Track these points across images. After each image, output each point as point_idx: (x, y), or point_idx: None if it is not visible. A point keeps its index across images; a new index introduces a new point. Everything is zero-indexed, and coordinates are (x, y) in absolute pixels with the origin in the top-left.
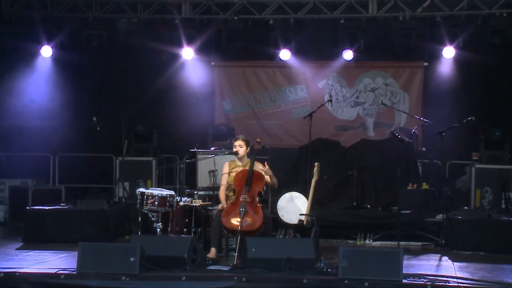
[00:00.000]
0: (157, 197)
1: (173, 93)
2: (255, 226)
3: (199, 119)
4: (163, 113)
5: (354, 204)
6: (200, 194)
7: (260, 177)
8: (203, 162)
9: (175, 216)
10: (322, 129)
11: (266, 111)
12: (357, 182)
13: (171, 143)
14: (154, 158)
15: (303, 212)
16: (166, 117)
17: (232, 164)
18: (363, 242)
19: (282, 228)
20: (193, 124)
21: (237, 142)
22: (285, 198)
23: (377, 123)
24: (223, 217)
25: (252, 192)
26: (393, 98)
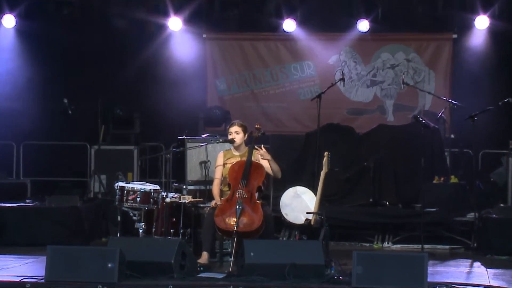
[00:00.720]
0: (139, 193)
1: (158, 71)
2: (254, 227)
3: (189, 101)
4: (146, 94)
5: (370, 200)
6: (189, 189)
7: (260, 169)
8: (193, 151)
9: (161, 214)
10: (332, 113)
11: (267, 91)
12: (374, 175)
13: (156, 129)
14: (135, 147)
15: (311, 210)
16: (149, 99)
17: (227, 154)
18: (380, 245)
19: (286, 229)
20: (181, 107)
21: (233, 128)
22: (290, 193)
23: (398, 106)
24: (216, 216)
25: (251, 186)
26: (416, 76)
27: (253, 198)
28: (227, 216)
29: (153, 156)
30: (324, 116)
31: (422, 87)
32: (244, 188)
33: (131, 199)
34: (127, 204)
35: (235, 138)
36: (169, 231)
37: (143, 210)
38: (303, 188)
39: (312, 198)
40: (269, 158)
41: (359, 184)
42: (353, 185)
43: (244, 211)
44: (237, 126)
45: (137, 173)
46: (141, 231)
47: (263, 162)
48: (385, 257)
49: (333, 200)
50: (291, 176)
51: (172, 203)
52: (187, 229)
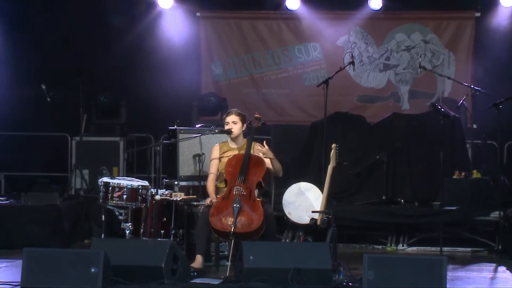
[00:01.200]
0: (126, 189)
1: (146, 54)
2: (253, 227)
3: (181, 88)
4: (134, 79)
5: (383, 198)
6: (182, 185)
7: (260, 163)
8: (186, 143)
9: (150, 213)
10: (341, 101)
11: (268, 76)
12: (387, 170)
13: (144, 118)
14: (121, 138)
15: (316, 209)
16: (137, 85)
17: (223, 147)
18: (394, 247)
19: (289, 230)
20: (172, 94)
21: (230, 117)
22: (293, 190)
23: (414, 93)
24: (212, 215)
25: (250, 182)
26: (434, 59)
27: (252, 195)
28: (224, 216)
29: (141, 149)
30: (332, 104)
31: (441, 72)
32: (242, 184)
33: (116, 196)
34: (112, 202)
35: (233, 128)
36: (159, 232)
37: (130, 208)
38: (308, 184)
39: (318, 196)
40: (271, 156)
41: (370, 180)
42: (364, 181)
43: (242, 210)
44: (235, 115)
45: (123, 167)
46: (128, 232)
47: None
48: (400, 260)
49: (342, 198)
50: (295, 171)
51: (163, 201)
52: (179, 230)
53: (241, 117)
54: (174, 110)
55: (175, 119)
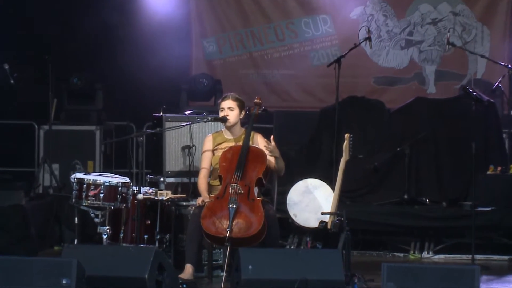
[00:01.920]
0: (103, 187)
1: (127, 28)
2: (253, 231)
3: (167, 68)
4: (112, 58)
5: (405, 197)
6: (169, 182)
7: (260, 156)
8: (174, 133)
9: (131, 215)
10: (356, 83)
11: (270, 55)
12: (410, 164)
13: (125, 104)
14: (98, 127)
15: (327, 210)
16: (116, 65)
17: (217, 137)
18: (418, 255)
19: (295, 234)
20: (157, 75)
21: (226, 102)
22: (299, 188)
23: (441, 73)
24: (204, 217)
25: (248, 179)
26: (465, 34)
27: (251, 194)
28: (218, 218)
29: (121, 139)
30: (345, 87)
31: (473, 49)
32: (240, 181)
33: (92, 195)
34: (87, 201)
35: (228, 116)
36: (142, 237)
37: (108, 209)
38: (317, 181)
39: (329, 194)
40: (277, 155)
41: (390, 176)
42: (383, 177)
43: (239, 211)
44: (231, 100)
45: (99, 161)
46: (105, 237)
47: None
48: (424, 271)
49: (356, 197)
50: (302, 165)
51: (146, 200)
52: (165, 235)
53: (239, 103)
54: (159, 94)
55: (160, 105)
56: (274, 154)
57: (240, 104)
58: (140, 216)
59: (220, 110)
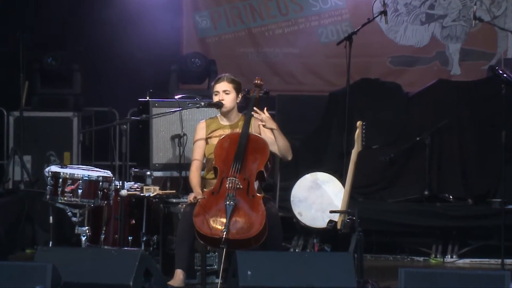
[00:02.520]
0: (82, 182)
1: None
2: (253, 232)
3: (155, 46)
4: (92, 35)
5: (425, 193)
6: (156, 176)
7: (262, 145)
8: (162, 120)
9: (113, 214)
10: (369, 63)
11: (272, 31)
12: (431, 155)
13: (106, 87)
14: (75, 114)
15: (336, 207)
16: (96, 43)
17: (212, 124)
18: (440, 259)
19: (300, 236)
20: (143, 55)
21: (221, 85)
22: (305, 183)
23: (467, 52)
24: (197, 216)
25: (248, 172)
26: (494, 8)
27: (251, 189)
28: (213, 217)
29: (102, 128)
30: (357, 67)
31: (503, 24)
32: (238, 174)
33: (69, 191)
34: (63, 198)
35: (224, 100)
36: (126, 238)
37: (88, 207)
38: (325, 175)
39: (339, 190)
40: (274, 127)
41: (408, 169)
42: (400, 171)
43: (238, 209)
44: (227, 82)
45: (77, 152)
46: (84, 239)
47: (265, 133)
48: (447, 276)
49: (370, 193)
50: (308, 157)
51: (131, 197)
52: (152, 236)
53: (235, 85)
54: (145, 76)
55: (147, 88)
56: (269, 126)
57: (236, 87)
58: (123, 215)
59: (214, 93)
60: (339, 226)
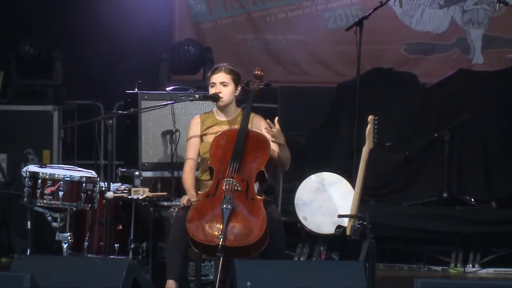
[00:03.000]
0: (63, 183)
1: None
2: (252, 239)
3: (144, 33)
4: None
5: (444, 195)
6: (146, 176)
7: (262, 143)
8: (152, 115)
9: (98, 219)
10: (382, 51)
11: (274, 16)
12: (451, 153)
13: (89, 78)
14: (56, 108)
15: (346, 212)
16: (80, 29)
17: (207, 119)
18: (461, 268)
19: (305, 242)
20: (132, 42)
21: (217, 76)
22: (311, 185)
23: (490, 39)
24: (190, 221)
25: (247, 172)
26: None
27: (250, 191)
28: (208, 222)
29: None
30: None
31: None
32: (236, 175)
33: (49, 193)
34: (42, 201)
35: (221, 92)
36: (112, 246)
37: (69, 211)
38: (333, 175)
39: (348, 192)
40: (282, 142)
41: (425, 169)
42: (416, 170)
43: (235, 213)
44: (224, 73)
45: (58, 150)
46: (65, 246)
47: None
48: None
49: (383, 195)
50: (314, 155)
51: (117, 200)
52: (141, 243)
53: (233, 76)
54: (133, 65)
55: (135, 79)
56: (277, 141)
57: (235, 78)
58: (109, 220)
59: (210, 85)
60: (349, 232)
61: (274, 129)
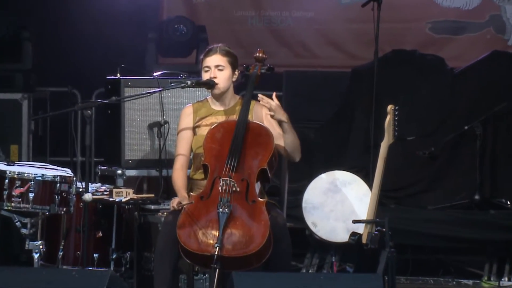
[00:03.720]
0: (34, 183)
1: None
2: (252, 248)
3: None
4: None
5: (475, 198)
6: (130, 176)
7: (264, 136)
8: (137, 104)
9: (74, 225)
10: (404, 30)
11: None
12: (484, 149)
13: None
14: (25, 96)
15: (361, 217)
16: (53, 4)
17: (201, 109)
18: (495, 282)
19: (314, 252)
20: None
21: (212, 59)
22: (321, 185)
23: None
24: (181, 227)
25: (247, 171)
26: None
27: (251, 193)
28: (202, 228)
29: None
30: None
31: None
32: (234, 174)
33: (17, 194)
34: (9, 204)
35: (217, 78)
36: (90, 256)
37: (41, 216)
38: (347, 174)
39: (364, 194)
40: (284, 119)
41: (454, 167)
42: (443, 169)
43: (234, 218)
44: (219, 55)
45: (28, 145)
46: (37, 256)
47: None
48: None
49: (404, 198)
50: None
51: (97, 203)
52: (125, 253)
53: (230, 58)
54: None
55: (117, 63)
56: (278, 117)
57: (232, 61)
58: (87, 226)
59: (203, 70)
60: (365, 240)
61: (271, 102)
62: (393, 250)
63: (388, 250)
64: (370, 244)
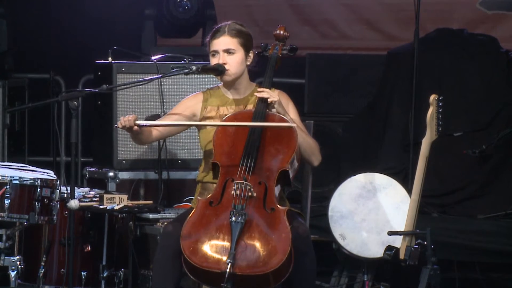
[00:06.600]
0: (10, 188)
1: None
2: (271, 265)
3: None
4: None
5: None
6: (123, 179)
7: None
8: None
9: (57, 237)
10: (450, 6)
11: None
12: None
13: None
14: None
15: (398, 228)
16: None
17: (211, 98)
18: None
19: (343, 269)
20: None
21: (220, 40)
22: (351, 190)
23: None
24: (185, 238)
25: (265, 172)
26: None
27: (269, 199)
28: (211, 240)
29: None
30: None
31: None
32: (250, 176)
33: None
34: None
35: (227, 63)
36: (77, 274)
37: (19, 226)
38: (381, 177)
39: (402, 201)
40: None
41: (509, 168)
42: (496, 171)
43: (249, 229)
44: (230, 36)
45: (3, 142)
46: (13, 274)
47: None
48: None
49: (450, 205)
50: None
51: (85, 211)
52: (117, 271)
53: (243, 39)
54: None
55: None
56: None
57: (244, 42)
58: (74, 239)
59: (211, 53)
60: (403, 255)
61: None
62: (436, 267)
63: (430, 267)
64: (408, 260)
